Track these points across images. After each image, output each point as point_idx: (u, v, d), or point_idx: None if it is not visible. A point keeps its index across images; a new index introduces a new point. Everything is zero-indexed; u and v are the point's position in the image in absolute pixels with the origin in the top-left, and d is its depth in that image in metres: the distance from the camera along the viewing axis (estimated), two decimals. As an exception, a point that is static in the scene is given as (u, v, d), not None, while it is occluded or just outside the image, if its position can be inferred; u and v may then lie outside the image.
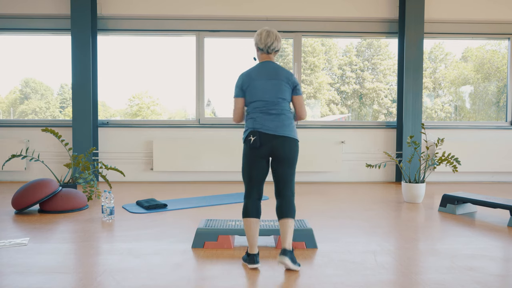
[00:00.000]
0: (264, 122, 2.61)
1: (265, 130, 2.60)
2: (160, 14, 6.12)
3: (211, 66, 6.39)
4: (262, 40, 2.70)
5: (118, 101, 7.16)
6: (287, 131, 2.62)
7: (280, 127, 2.61)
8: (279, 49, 2.77)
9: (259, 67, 2.72)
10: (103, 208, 3.80)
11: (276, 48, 2.74)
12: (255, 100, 2.65)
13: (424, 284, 2.34)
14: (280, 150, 2.60)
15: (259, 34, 2.72)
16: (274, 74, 2.67)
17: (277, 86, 2.65)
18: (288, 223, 2.59)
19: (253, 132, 2.61)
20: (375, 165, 4.82)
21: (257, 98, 2.65)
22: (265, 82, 2.65)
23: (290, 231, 2.59)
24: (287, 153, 2.61)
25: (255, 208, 2.65)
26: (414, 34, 6.10)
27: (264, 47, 2.71)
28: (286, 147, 2.61)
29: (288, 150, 2.61)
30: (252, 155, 2.63)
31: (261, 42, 2.70)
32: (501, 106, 6.92)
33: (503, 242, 3.18)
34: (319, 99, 7.25)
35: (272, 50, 2.73)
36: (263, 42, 2.70)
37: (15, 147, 6.07)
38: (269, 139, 2.60)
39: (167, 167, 6.15)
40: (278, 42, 2.73)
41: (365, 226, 3.66)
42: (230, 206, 4.45)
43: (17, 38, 6.48)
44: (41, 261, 2.70)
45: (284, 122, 2.63)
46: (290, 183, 2.66)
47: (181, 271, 2.53)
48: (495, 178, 6.44)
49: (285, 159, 2.62)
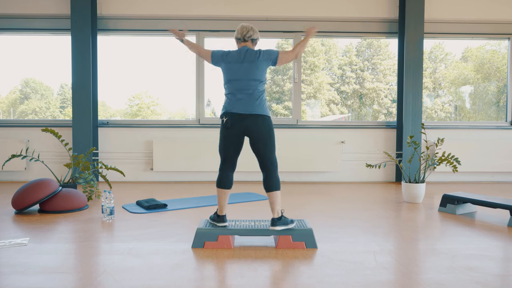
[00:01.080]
0: (235, 104, 2.94)
1: (236, 110, 2.93)
2: (160, 14, 6.12)
3: (211, 66, 6.39)
4: (239, 31, 3.10)
5: (118, 101, 7.17)
6: (256, 109, 2.93)
7: (250, 106, 2.93)
8: (256, 38, 3.13)
9: (235, 52, 3.07)
10: (103, 208, 3.80)
11: (253, 37, 3.09)
12: (229, 80, 3.00)
13: (424, 284, 2.34)
14: (252, 128, 2.93)
15: (237, 29, 3.12)
16: (247, 57, 3.00)
17: (249, 68, 2.97)
18: (272, 195, 2.98)
19: (225, 113, 2.97)
20: (375, 165, 4.82)
21: (229, 78, 3.00)
22: (239, 65, 2.98)
23: (276, 201, 2.99)
24: (260, 129, 2.93)
25: (228, 180, 3.05)
26: (414, 34, 6.10)
27: (240, 37, 3.09)
28: (257, 124, 2.93)
29: (260, 127, 2.93)
30: (227, 134, 2.98)
31: (238, 33, 3.10)
32: (501, 106, 6.92)
33: (503, 242, 3.18)
34: (319, 99, 7.25)
35: (249, 38, 3.08)
36: (239, 32, 3.09)
37: (15, 147, 6.07)
38: (240, 119, 2.93)
39: (167, 167, 6.15)
40: (254, 32, 3.09)
41: (365, 226, 3.66)
42: (230, 206, 4.45)
43: (17, 38, 6.48)
44: (41, 261, 2.70)
45: (254, 102, 2.94)
46: (269, 156, 2.99)
47: (181, 271, 2.53)
48: (495, 178, 6.44)
49: (258, 135, 2.94)
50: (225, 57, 3.04)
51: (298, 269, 2.58)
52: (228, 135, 2.98)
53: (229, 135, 2.97)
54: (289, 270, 2.56)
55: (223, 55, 3.06)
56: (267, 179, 3.00)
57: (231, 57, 3.03)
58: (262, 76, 3.02)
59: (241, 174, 6.11)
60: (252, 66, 2.97)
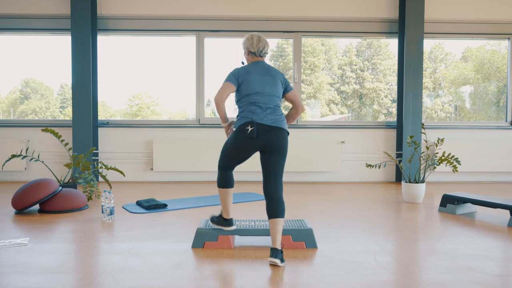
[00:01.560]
0: (263, 115, 2.75)
1: (265, 122, 2.74)
2: (160, 14, 6.12)
3: (211, 66, 6.40)
4: (254, 45, 2.87)
5: (118, 101, 7.17)
6: (282, 124, 2.79)
7: (277, 119, 2.78)
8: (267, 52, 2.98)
9: (253, 64, 2.87)
10: (103, 208, 3.80)
11: (267, 52, 2.94)
12: (252, 93, 2.78)
13: (424, 284, 2.34)
14: (275, 141, 2.76)
15: (250, 39, 2.89)
16: (268, 71, 2.85)
17: (273, 82, 2.83)
18: (280, 222, 2.73)
19: (251, 123, 2.74)
20: (375, 165, 4.82)
21: (254, 91, 2.79)
22: (262, 77, 2.82)
23: (281, 230, 2.74)
24: (282, 143, 2.77)
25: (231, 178, 2.93)
26: (414, 34, 6.10)
27: (256, 51, 2.88)
28: (281, 137, 2.77)
29: (283, 141, 2.78)
30: (243, 143, 2.77)
31: (253, 47, 2.87)
32: (501, 106, 6.92)
33: (503, 242, 3.18)
34: (319, 99, 7.25)
35: (264, 54, 2.91)
36: (255, 46, 2.88)
37: (15, 147, 6.07)
38: (266, 131, 2.74)
39: (167, 167, 6.15)
40: (268, 47, 2.93)
41: (365, 226, 3.66)
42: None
43: (17, 38, 6.48)
44: (41, 261, 2.70)
45: (281, 116, 2.82)
46: (280, 175, 2.82)
47: (181, 271, 2.53)
48: (495, 178, 6.44)
49: (279, 148, 2.77)
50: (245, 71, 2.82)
51: (298, 269, 2.58)
52: (244, 145, 2.77)
53: (246, 145, 2.76)
54: (289, 270, 2.56)
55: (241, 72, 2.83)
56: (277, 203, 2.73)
57: (252, 68, 2.83)
58: (281, 94, 2.89)
59: (241, 174, 6.11)
60: (275, 81, 2.84)
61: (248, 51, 2.90)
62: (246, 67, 2.86)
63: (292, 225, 3.12)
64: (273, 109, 2.79)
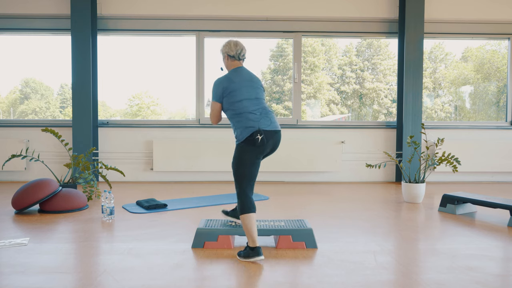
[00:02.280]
0: (264, 121, 2.81)
1: (270, 127, 2.81)
2: (160, 14, 6.12)
3: (211, 66, 6.40)
4: (232, 48, 2.94)
5: (118, 101, 7.17)
6: (278, 125, 2.91)
7: (275, 122, 2.88)
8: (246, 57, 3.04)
9: (236, 71, 2.92)
10: (103, 208, 3.80)
11: (245, 56, 3.00)
12: (241, 99, 2.82)
13: (424, 284, 2.34)
14: (277, 143, 2.89)
15: (227, 44, 2.97)
16: (251, 77, 2.93)
17: (257, 87, 2.92)
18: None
19: (259, 131, 2.77)
20: (375, 165, 4.82)
21: (243, 97, 2.82)
22: (248, 82, 2.88)
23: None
24: (279, 144, 2.93)
25: (254, 204, 2.85)
26: (414, 34, 6.10)
27: (235, 54, 2.94)
28: (280, 139, 2.91)
29: (280, 142, 2.92)
30: (257, 154, 2.80)
31: (232, 50, 2.94)
32: (501, 106, 6.92)
33: (503, 242, 3.18)
34: (319, 99, 7.25)
35: (243, 57, 2.98)
36: (234, 49, 2.94)
37: (15, 147, 6.07)
38: (272, 135, 2.82)
39: (167, 167, 6.15)
40: (245, 51, 3.00)
41: (365, 226, 3.66)
42: (229, 206, 4.44)
43: (17, 38, 6.48)
44: (41, 261, 2.70)
45: (275, 118, 2.91)
46: None
47: (181, 271, 2.53)
48: (495, 178, 6.44)
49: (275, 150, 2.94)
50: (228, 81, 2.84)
51: (298, 269, 2.58)
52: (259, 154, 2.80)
53: (260, 153, 2.80)
54: (289, 270, 2.56)
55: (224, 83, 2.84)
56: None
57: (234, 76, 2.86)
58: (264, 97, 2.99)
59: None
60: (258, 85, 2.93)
61: (227, 55, 2.96)
62: (228, 75, 2.90)
63: (292, 225, 3.12)
64: (270, 112, 2.89)
